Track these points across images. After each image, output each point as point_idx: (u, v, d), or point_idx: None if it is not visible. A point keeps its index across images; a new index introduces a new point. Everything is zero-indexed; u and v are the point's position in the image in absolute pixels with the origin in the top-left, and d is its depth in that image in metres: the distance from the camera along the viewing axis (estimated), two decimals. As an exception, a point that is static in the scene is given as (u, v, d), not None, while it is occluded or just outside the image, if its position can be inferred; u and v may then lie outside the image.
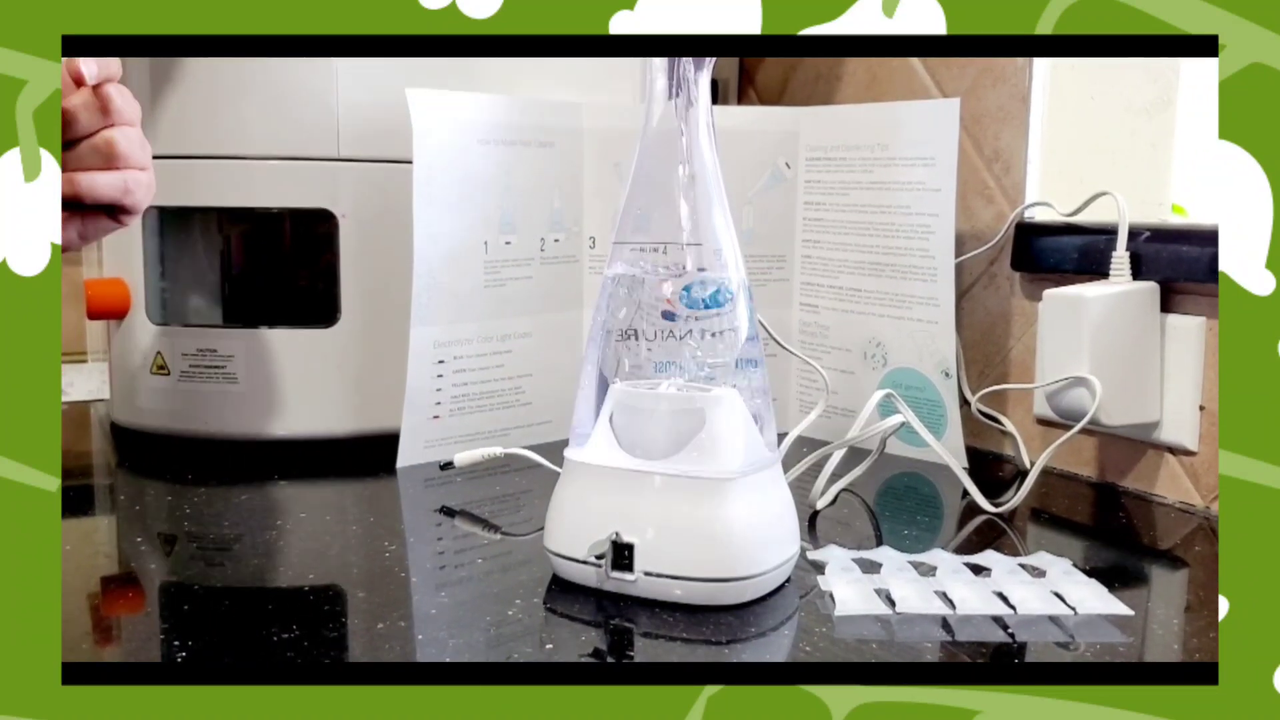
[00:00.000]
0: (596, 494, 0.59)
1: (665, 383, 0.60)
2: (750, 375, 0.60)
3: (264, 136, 0.86)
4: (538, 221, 0.89)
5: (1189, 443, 0.78)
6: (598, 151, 0.91)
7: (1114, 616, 0.57)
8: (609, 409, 0.60)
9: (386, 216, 0.87)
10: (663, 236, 0.60)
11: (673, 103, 0.60)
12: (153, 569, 0.63)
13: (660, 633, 0.54)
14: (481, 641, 0.52)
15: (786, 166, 0.95)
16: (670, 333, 0.61)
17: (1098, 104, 0.90)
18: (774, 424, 0.62)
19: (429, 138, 0.81)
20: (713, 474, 0.57)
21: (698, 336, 0.60)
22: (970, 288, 0.95)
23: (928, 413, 0.88)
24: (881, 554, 0.64)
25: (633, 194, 0.61)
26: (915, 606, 0.57)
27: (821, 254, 0.94)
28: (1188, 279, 0.78)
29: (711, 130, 0.60)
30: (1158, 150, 0.90)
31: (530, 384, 0.90)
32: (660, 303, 0.60)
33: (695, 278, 0.60)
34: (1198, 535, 0.73)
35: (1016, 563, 0.63)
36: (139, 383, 0.91)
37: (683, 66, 0.59)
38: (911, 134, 0.87)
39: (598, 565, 0.58)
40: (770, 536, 0.59)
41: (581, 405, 0.61)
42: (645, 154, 0.61)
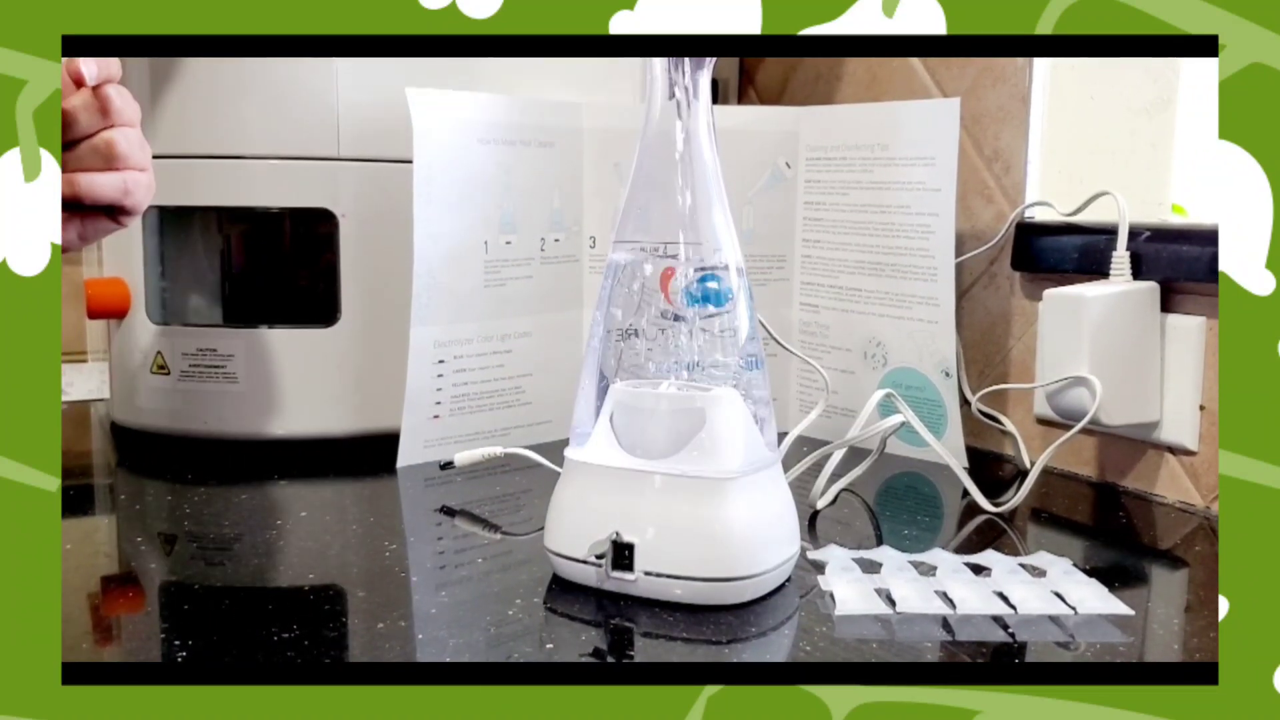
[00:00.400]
0: (596, 494, 0.59)
1: (665, 382, 0.60)
2: (750, 375, 0.60)
3: (264, 136, 0.86)
4: (538, 221, 0.89)
5: (1189, 443, 0.78)
6: (598, 151, 0.91)
7: (1114, 616, 0.57)
8: (609, 409, 0.60)
9: (386, 216, 0.87)
10: (663, 236, 0.60)
11: (673, 102, 0.60)
12: (153, 569, 0.63)
13: (660, 633, 0.54)
14: (481, 641, 0.52)
15: (786, 166, 0.95)
16: (671, 332, 0.61)
17: (1098, 104, 0.90)
18: (774, 423, 0.62)
19: (429, 137, 0.81)
20: (713, 473, 0.57)
21: (698, 336, 0.60)
22: (970, 288, 0.95)
23: (928, 413, 0.88)
24: (882, 554, 0.64)
25: (633, 193, 0.61)
26: (915, 606, 0.57)
27: (821, 254, 0.94)
28: (1188, 279, 0.78)
29: (711, 130, 0.60)
30: (1158, 150, 0.90)
31: (530, 384, 0.90)
32: (661, 302, 0.60)
33: (696, 277, 0.60)
34: (1198, 535, 0.73)
35: (1017, 562, 0.63)
36: (139, 382, 0.91)
37: (683, 66, 0.59)
38: (912, 134, 0.87)
39: (598, 565, 0.58)
40: (770, 536, 0.59)
41: (581, 405, 0.61)
42: (645, 153, 0.61)
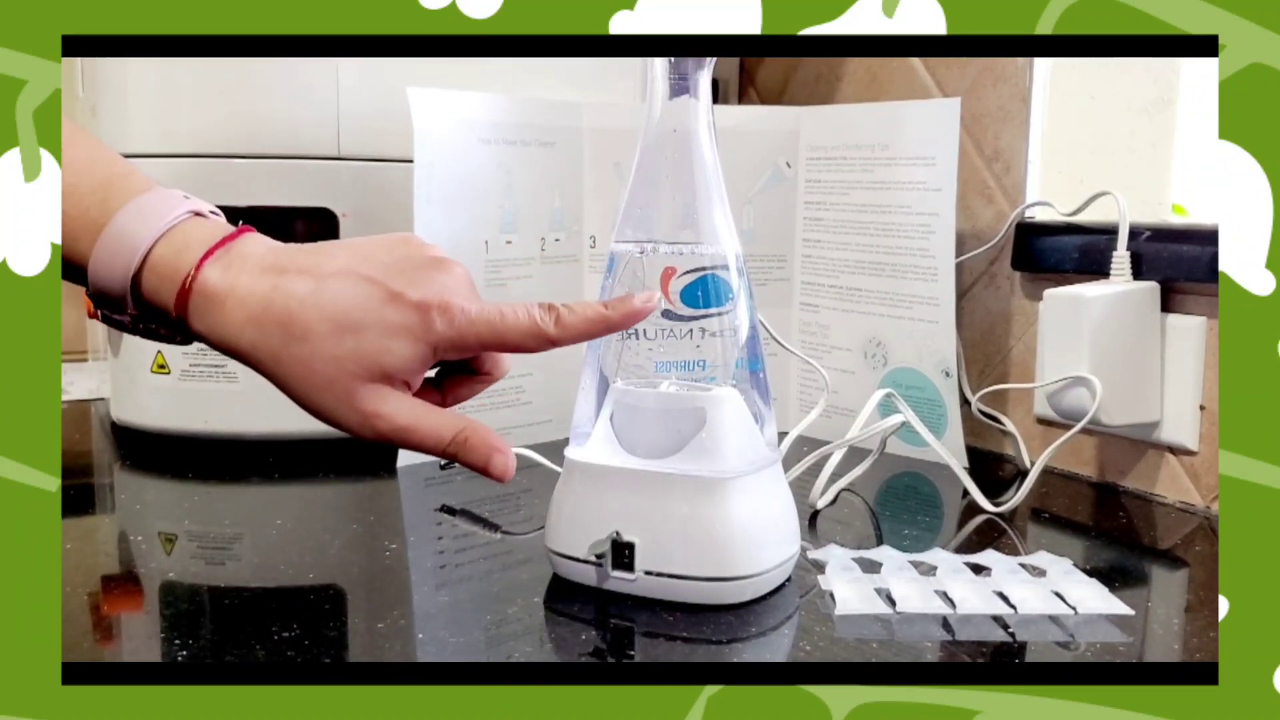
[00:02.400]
0: (596, 493, 0.59)
1: (665, 382, 0.60)
2: (751, 374, 0.60)
3: (264, 135, 0.86)
4: (538, 221, 0.89)
5: (1189, 442, 0.78)
6: (597, 151, 0.91)
7: (1114, 616, 0.57)
8: (609, 408, 0.60)
9: (387, 216, 0.87)
10: (664, 235, 0.60)
11: (673, 102, 0.60)
12: (153, 568, 0.63)
13: (660, 632, 0.54)
14: (481, 641, 0.52)
15: (787, 166, 0.95)
16: (671, 332, 0.61)
17: (1098, 103, 0.90)
18: (774, 423, 0.62)
19: (430, 136, 0.81)
20: (712, 473, 0.57)
21: (699, 335, 0.60)
22: (970, 287, 0.95)
23: (928, 413, 0.88)
24: (882, 553, 0.64)
25: (633, 193, 0.61)
26: (916, 606, 0.57)
27: (822, 253, 0.94)
28: (1188, 279, 0.78)
29: (712, 129, 0.60)
30: (1158, 150, 0.90)
31: (530, 383, 0.90)
32: (661, 302, 0.60)
33: (696, 276, 0.60)
34: (1198, 535, 0.73)
35: (1017, 562, 0.63)
36: (139, 382, 0.91)
37: (683, 66, 0.59)
38: (912, 134, 0.87)
39: (598, 564, 0.58)
40: (770, 535, 0.59)
41: (582, 405, 0.61)
42: (646, 153, 0.61)
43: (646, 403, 0.59)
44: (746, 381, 0.60)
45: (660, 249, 0.60)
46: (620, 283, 0.61)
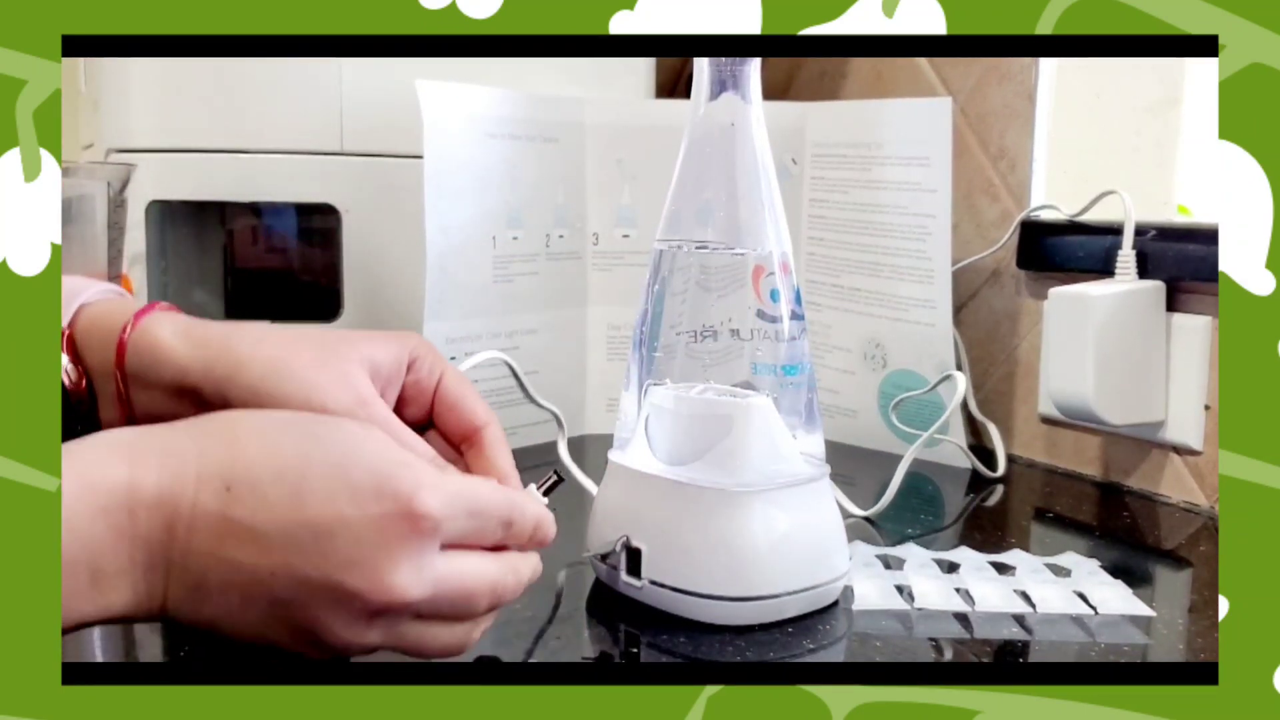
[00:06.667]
0: (618, 496, 0.59)
1: (701, 386, 0.58)
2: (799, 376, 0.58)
3: (267, 131, 0.87)
4: (543, 217, 0.89)
5: (1194, 442, 0.78)
6: (601, 148, 0.91)
7: (1135, 617, 0.57)
8: (646, 411, 0.59)
9: (389, 211, 0.87)
10: (743, 238, 0.58)
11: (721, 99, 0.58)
12: (155, 567, 0.63)
13: (661, 632, 0.54)
14: (481, 641, 0.52)
15: (793, 162, 0.94)
16: (768, 333, 0.58)
17: (1104, 102, 0.89)
18: (821, 434, 0.59)
19: (439, 130, 0.80)
20: (724, 484, 0.55)
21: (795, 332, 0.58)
22: (979, 289, 0.94)
23: (928, 414, 0.87)
24: (906, 551, 0.64)
25: (683, 190, 0.58)
26: (934, 603, 0.57)
27: (825, 251, 0.94)
28: (1193, 278, 0.77)
29: (762, 124, 0.58)
30: (1164, 149, 0.89)
31: (536, 381, 0.90)
32: (753, 301, 0.58)
33: (780, 279, 0.58)
34: (1202, 535, 0.73)
35: (1042, 562, 0.63)
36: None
37: (730, 63, 0.58)
38: (904, 133, 0.86)
39: (600, 564, 0.58)
40: (789, 557, 0.55)
41: (626, 407, 0.60)
42: (695, 149, 0.58)
43: (675, 407, 0.58)
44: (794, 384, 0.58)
45: (739, 250, 0.58)
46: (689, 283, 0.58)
